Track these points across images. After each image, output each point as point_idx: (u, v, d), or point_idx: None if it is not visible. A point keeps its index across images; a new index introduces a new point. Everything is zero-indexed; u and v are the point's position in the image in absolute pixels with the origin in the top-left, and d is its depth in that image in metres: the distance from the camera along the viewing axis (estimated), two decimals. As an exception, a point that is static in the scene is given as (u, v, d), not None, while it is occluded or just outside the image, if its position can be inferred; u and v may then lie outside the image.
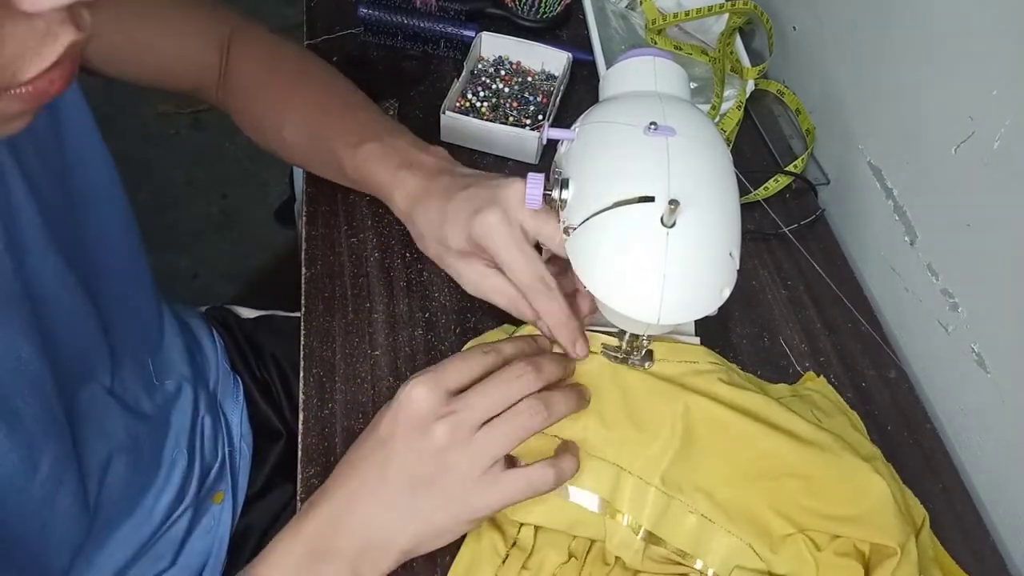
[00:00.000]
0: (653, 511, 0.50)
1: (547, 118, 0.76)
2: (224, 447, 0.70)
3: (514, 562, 0.51)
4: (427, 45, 0.83)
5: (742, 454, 0.52)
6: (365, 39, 0.84)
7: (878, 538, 0.49)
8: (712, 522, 0.50)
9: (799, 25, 0.83)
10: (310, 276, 0.65)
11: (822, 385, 0.64)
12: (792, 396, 0.61)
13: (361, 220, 0.69)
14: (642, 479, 0.50)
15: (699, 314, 0.46)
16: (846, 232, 0.76)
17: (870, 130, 0.72)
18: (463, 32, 0.81)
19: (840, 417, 0.60)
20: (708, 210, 0.45)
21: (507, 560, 0.51)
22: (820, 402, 0.61)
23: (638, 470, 0.51)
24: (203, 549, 0.66)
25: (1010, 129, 0.55)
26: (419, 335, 0.62)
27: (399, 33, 0.82)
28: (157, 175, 1.77)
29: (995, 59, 0.56)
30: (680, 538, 0.50)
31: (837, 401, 0.62)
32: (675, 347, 0.56)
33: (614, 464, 0.51)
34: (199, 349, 0.73)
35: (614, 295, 0.45)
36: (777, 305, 0.69)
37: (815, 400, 0.61)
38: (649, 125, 0.47)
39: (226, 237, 1.72)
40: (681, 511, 0.50)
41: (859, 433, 0.59)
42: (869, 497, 0.50)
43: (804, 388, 0.63)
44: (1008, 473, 0.59)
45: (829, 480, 0.51)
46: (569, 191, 0.49)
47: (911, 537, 0.50)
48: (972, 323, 0.62)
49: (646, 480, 0.50)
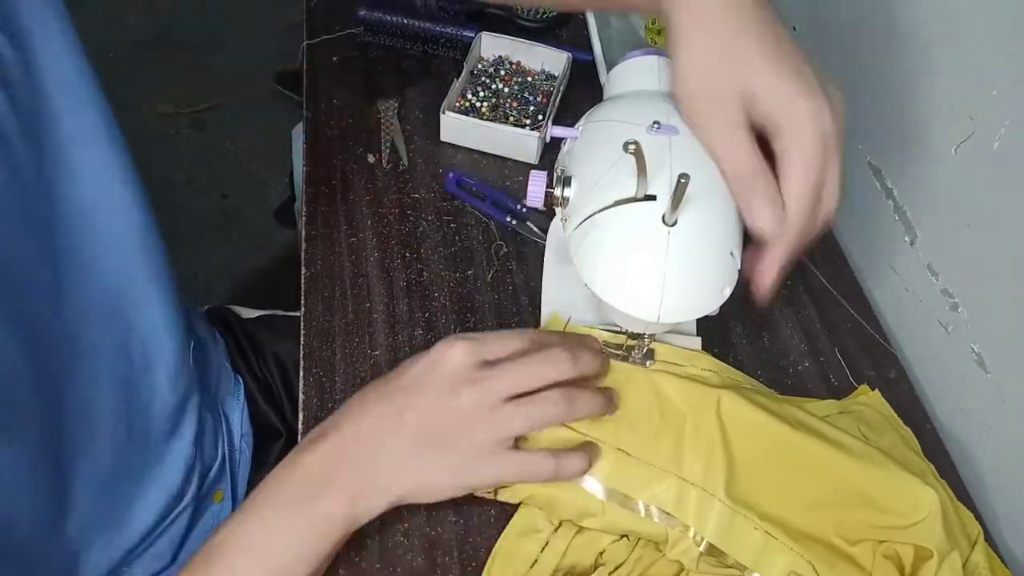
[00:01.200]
0: (719, 524, 0.49)
1: (547, 118, 0.76)
2: (224, 446, 0.70)
3: (565, 532, 0.51)
4: (427, 45, 0.83)
5: (796, 469, 0.52)
6: (365, 39, 0.84)
7: (922, 542, 0.49)
8: (775, 538, 0.50)
9: (799, 25, 0.84)
10: (310, 276, 0.65)
11: (875, 399, 0.63)
12: (840, 413, 0.60)
13: (361, 220, 0.69)
14: (705, 491, 0.50)
15: (699, 313, 0.46)
16: (846, 232, 0.76)
17: (870, 130, 0.72)
18: (463, 32, 0.81)
19: (891, 434, 0.59)
20: (709, 209, 0.45)
21: (559, 529, 0.51)
22: (870, 417, 0.60)
23: (699, 481, 0.50)
24: (203, 548, 0.66)
25: (1010, 129, 0.55)
26: (419, 335, 0.62)
27: (399, 33, 0.82)
28: (157, 175, 1.77)
29: (995, 59, 0.56)
30: (743, 552, 0.50)
31: (890, 416, 0.61)
32: (682, 353, 0.57)
33: (673, 474, 0.51)
34: (199, 349, 0.73)
35: (615, 293, 0.46)
36: (777, 305, 0.69)
37: (865, 416, 0.60)
38: (652, 124, 0.47)
39: (226, 237, 1.72)
40: (746, 526, 0.50)
41: (911, 450, 0.58)
42: (920, 509, 0.50)
43: (855, 403, 0.62)
44: (1008, 473, 0.59)
45: (882, 493, 0.51)
46: (571, 189, 0.49)
47: (954, 549, 0.50)
48: (972, 323, 0.62)
49: (710, 492, 0.50)
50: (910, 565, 0.50)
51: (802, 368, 0.65)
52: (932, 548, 0.49)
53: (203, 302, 0.83)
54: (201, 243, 1.70)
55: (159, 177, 1.77)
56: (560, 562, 0.50)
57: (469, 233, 0.70)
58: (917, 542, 0.50)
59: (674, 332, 0.59)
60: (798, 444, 0.52)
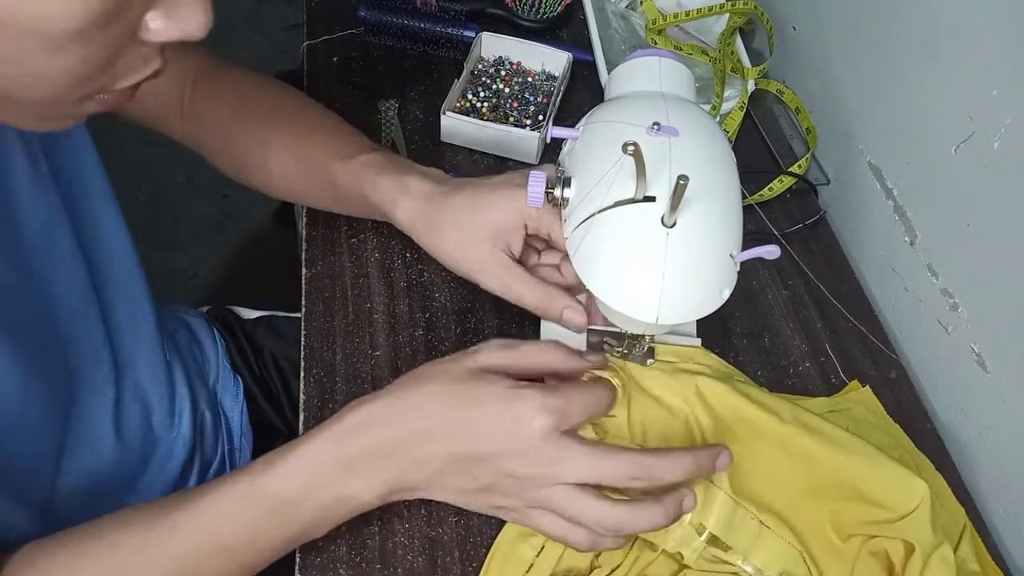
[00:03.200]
0: (721, 515, 0.49)
1: (548, 118, 0.76)
2: (224, 444, 0.70)
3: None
4: (427, 45, 0.83)
5: (789, 461, 0.52)
6: (365, 39, 0.84)
7: (911, 535, 0.50)
8: (769, 528, 0.50)
9: (799, 25, 0.84)
10: (310, 276, 0.65)
11: (866, 395, 0.63)
12: (830, 412, 0.60)
13: (361, 220, 0.69)
14: (712, 482, 0.50)
15: (698, 315, 0.46)
16: (846, 232, 0.76)
17: (870, 130, 0.72)
18: (463, 33, 0.81)
19: (878, 435, 0.59)
20: (709, 211, 0.45)
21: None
22: (859, 416, 0.60)
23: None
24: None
25: (1010, 129, 0.55)
26: (419, 335, 0.63)
27: (399, 33, 0.82)
28: (157, 175, 1.77)
29: (995, 59, 0.57)
30: (740, 542, 0.50)
31: (880, 415, 0.62)
32: (679, 351, 0.57)
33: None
34: (199, 349, 0.73)
35: (614, 294, 0.46)
36: (777, 305, 0.69)
37: (854, 415, 0.60)
38: (652, 125, 0.47)
39: (226, 237, 1.72)
40: (745, 517, 0.50)
41: (898, 448, 0.59)
42: (911, 501, 0.50)
43: (844, 400, 0.62)
44: (1008, 473, 0.59)
45: (872, 486, 0.51)
46: (571, 190, 0.49)
47: (944, 542, 0.50)
48: (972, 323, 0.62)
49: (717, 484, 0.50)
50: (900, 563, 0.50)
51: (802, 368, 0.65)
52: (918, 541, 0.49)
53: (203, 302, 0.83)
54: (201, 243, 1.69)
55: (159, 177, 1.77)
56: (556, 567, 0.50)
57: (469, 233, 0.69)
58: (907, 535, 0.50)
59: (673, 333, 0.59)
60: (790, 437, 0.52)
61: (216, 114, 0.66)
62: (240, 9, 2.11)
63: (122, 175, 0.60)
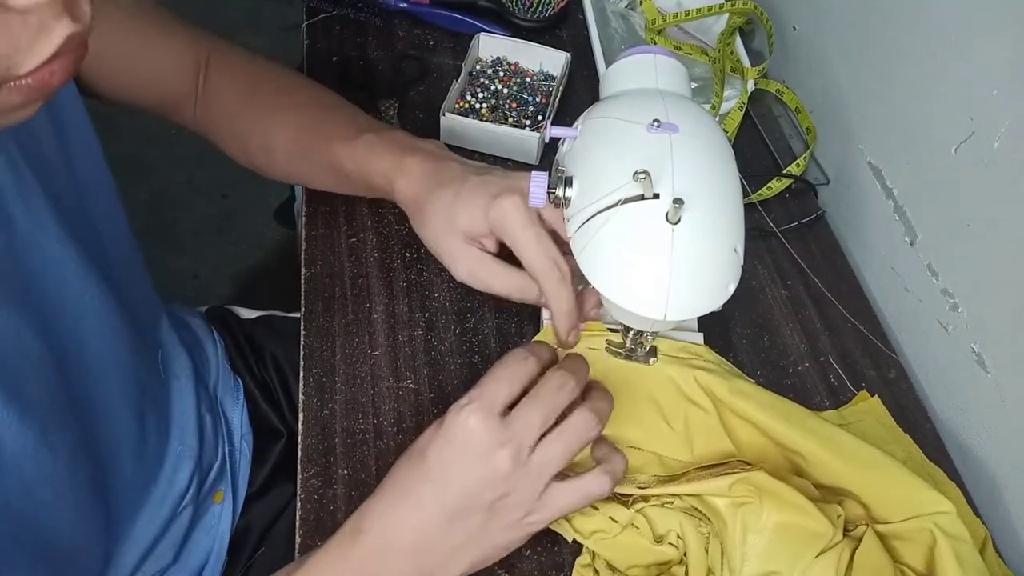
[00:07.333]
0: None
1: (547, 118, 0.76)
2: (224, 446, 0.70)
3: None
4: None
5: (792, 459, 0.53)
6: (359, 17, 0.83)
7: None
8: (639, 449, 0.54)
9: (799, 25, 0.84)
10: (310, 276, 0.65)
11: (874, 406, 0.62)
12: (839, 425, 0.59)
13: (361, 220, 0.69)
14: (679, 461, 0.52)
15: (705, 310, 0.46)
16: (846, 232, 0.76)
17: (870, 130, 0.72)
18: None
19: (891, 446, 0.59)
20: (712, 206, 0.45)
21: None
22: (870, 430, 0.60)
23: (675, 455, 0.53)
24: (204, 547, 0.66)
25: (1010, 129, 0.55)
26: (419, 335, 0.62)
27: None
28: (157, 175, 1.77)
29: (995, 59, 0.56)
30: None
31: (890, 426, 0.61)
32: (684, 348, 0.57)
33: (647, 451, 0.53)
34: (199, 349, 0.73)
35: (620, 293, 0.45)
36: (777, 305, 0.69)
37: (865, 429, 0.60)
38: (652, 122, 0.47)
39: (226, 237, 1.72)
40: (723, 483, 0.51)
41: (913, 462, 0.59)
42: (923, 510, 0.51)
43: (854, 412, 0.62)
44: (1008, 473, 0.59)
45: (877, 498, 0.52)
46: (573, 189, 0.49)
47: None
48: (972, 323, 0.62)
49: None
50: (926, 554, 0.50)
51: (802, 368, 0.65)
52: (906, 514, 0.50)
53: (203, 302, 0.83)
54: (201, 243, 1.69)
55: (159, 177, 1.77)
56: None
57: (469, 233, 0.69)
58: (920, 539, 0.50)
59: (677, 329, 0.59)
60: (793, 439, 0.52)
61: (225, 96, 0.67)
62: (240, 9, 2.11)
63: (122, 175, 0.60)
